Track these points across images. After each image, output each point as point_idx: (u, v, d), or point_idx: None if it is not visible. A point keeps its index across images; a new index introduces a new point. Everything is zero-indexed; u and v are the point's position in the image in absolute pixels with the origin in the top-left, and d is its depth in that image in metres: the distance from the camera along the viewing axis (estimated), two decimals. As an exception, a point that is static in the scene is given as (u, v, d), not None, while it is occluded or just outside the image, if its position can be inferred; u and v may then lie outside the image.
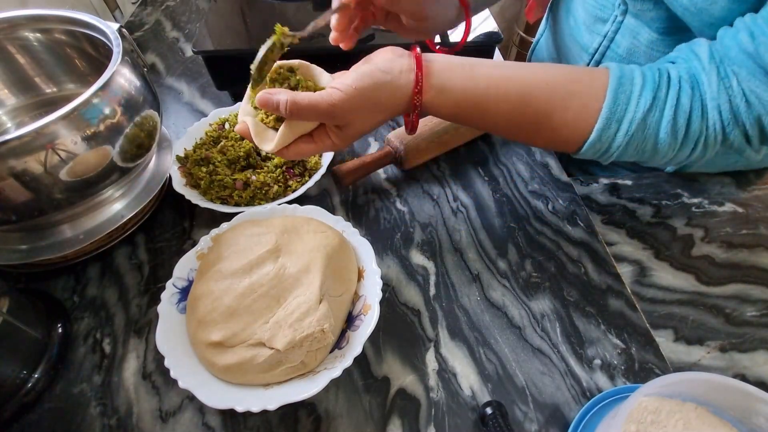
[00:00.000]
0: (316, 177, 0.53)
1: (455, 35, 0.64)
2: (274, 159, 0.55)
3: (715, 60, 0.35)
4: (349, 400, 0.40)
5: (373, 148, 0.62)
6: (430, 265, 0.49)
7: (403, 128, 0.57)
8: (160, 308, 0.40)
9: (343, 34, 0.43)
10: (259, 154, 0.55)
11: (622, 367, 0.42)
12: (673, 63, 0.38)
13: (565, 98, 0.38)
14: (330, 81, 0.38)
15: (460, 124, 0.55)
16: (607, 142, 0.37)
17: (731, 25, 0.36)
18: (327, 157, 0.55)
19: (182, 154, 0.55)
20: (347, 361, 0.36)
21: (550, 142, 0.41)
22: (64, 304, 0.45)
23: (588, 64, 0.56)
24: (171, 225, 0.52)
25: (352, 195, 0.56)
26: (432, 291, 0.47)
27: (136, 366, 0.41)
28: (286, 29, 0.36)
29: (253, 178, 0.52)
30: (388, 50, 0.38)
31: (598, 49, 0.54)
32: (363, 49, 0.63)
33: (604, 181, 0.63)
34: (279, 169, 0.53)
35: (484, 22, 0.67)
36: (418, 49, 0.38)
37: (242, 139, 0.57)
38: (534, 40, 0.76)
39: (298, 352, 0.36)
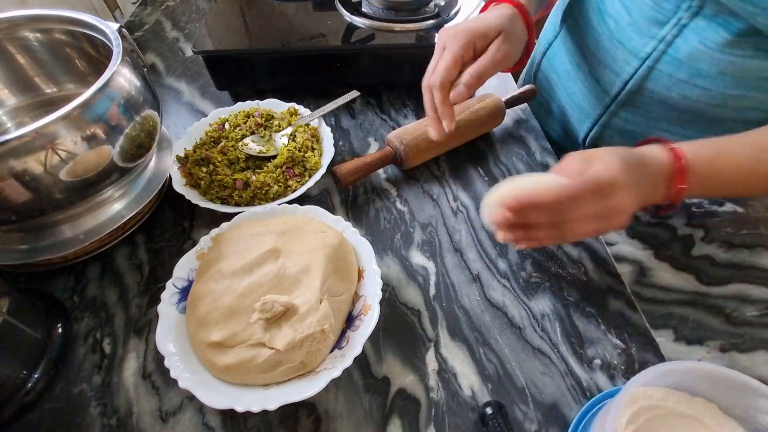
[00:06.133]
0: (316, 177, 0.53)
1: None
2: (274, 159, 0.55)
3: None
4: (349, 400, 0.40)
5: (373, 148, 0.62)
6: (430, 265, 0.49)
7: (403, 128, 0.57)
8: (160, 308, 0.40)
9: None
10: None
11: (622, 367, 0.42)
12: None
13: None
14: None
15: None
16: None
17: None
18: (327, 157, 0.55)
19: (182, 154, 0.55)
20: (347, 361, 0.36)
21: None
22: (64, 304, 0.45)
23: (637, 70, 0.52)
24: (171, 225, 0.52)
25: (352, 195, 0.56)
26: (432, 291, 0.47)
27: (136, 366, 0.41)
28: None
29: (253, 178, 0.51)
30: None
31: (651, 54, 0.51)
32: (363, 49, 0.64)
33: (604, 181, 0.63)
34: (279, 169, 0.53)
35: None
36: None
37: (242, 138, 0.57)
38: (541, 47, 0.71)
39: (298, 352, 0.36)
